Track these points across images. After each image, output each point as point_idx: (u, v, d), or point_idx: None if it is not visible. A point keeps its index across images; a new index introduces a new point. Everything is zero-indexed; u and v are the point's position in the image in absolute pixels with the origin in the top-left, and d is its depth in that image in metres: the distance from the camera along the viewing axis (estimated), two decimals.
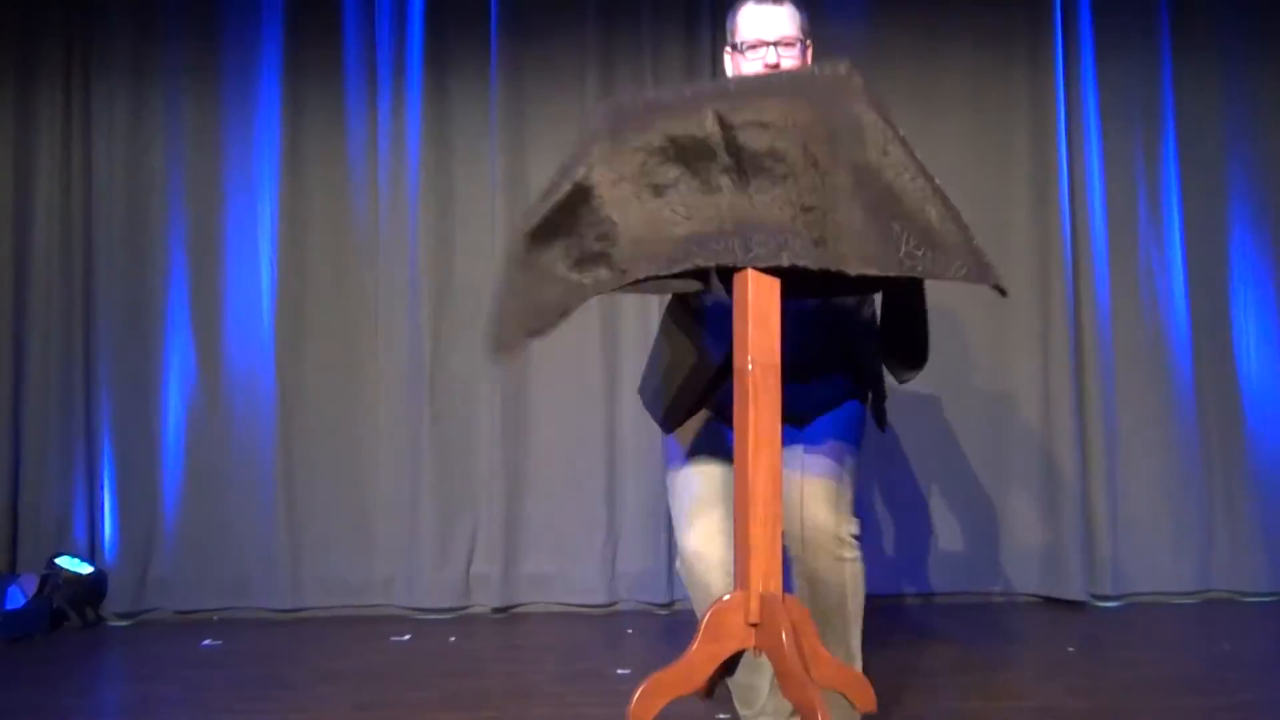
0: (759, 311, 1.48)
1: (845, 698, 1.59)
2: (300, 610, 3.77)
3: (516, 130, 3.83)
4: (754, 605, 1.45)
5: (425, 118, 3.82)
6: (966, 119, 3.83)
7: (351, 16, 3.90)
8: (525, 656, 3.15)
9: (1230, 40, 3.84)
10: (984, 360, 3.79)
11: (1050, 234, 3.72)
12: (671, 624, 3.57)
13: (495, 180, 3.79)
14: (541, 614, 3.75)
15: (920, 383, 3.72)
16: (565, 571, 3.77)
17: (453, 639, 3.40)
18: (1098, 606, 3.63)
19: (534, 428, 3.81)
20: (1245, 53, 3.84)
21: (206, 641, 3.39)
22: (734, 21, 1.99)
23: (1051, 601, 3.68)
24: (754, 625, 1.46)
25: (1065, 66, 3.78)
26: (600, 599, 3.74)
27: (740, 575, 1.47)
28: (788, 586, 1.56)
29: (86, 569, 3.68)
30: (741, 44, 1.95)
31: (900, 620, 3.49)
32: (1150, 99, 3.83)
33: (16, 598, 3.56)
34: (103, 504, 3.78)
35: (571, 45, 3.85)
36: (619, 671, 2.87)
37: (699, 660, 1.49)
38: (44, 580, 3.63)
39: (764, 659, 1.72)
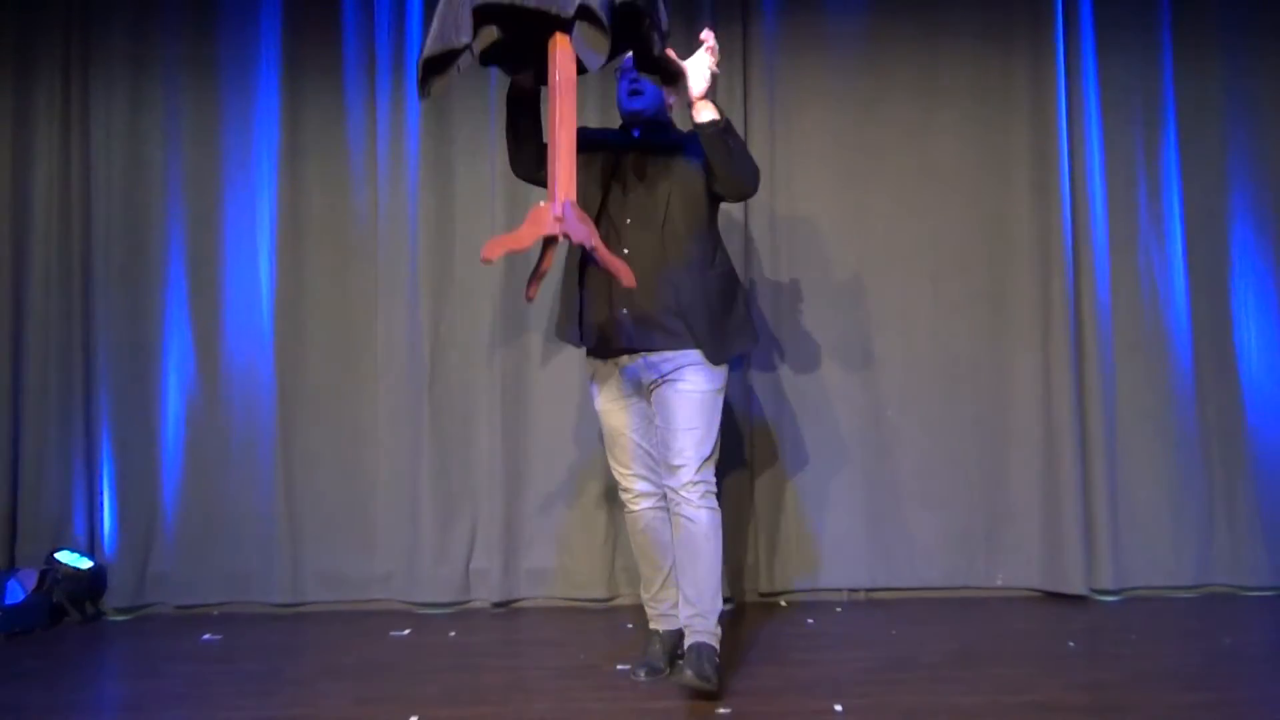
0: (565, 59, 2.26)
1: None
2: (300, 605, 3.77)
3: None
4: (559, 208, 2.20)
5: (425, 112, 3.81)
6: (967, 113, 3.82)
7: (351, 10, 3.89)
8: (525, 651, 3.15)
9: (1231, 35, 3.83)
10: (984, 356, 3.79)
11: (1051, 229, 3.72)
12: None
13: (495, 174, 3.78)
14: (541, 609, 3.74)
15: (921, 375, 3.75)
16: (564, 566, 3.77)
17: (452, 634, 3.40)
18: (1098, 601, 3.63)
19: (533, 423, 3.80)
20: (1246, 48, 3.83)
21: (206, 636, 3.39)
22: None
23: (1052, 596, 3.68)
24: (558, 219, 2.20)
25: (1066, 61, 3.77)
26: (600, 593, 3.74)
27: (551, 192, 2.22)
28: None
29: (86, 564, 3.68)
30: (623, 68, 2.60)
31: (901, 614, 3.49)
32: (1151, 93, 3.82)
33: (16, 593, 3.56)
34: (102, 499, 3.78)
35: None
36: (618, 666, 2.86)
37: (525, 233, 2.25)
38: (44, 575, 3.63)
39: (673, 576, 2.72)
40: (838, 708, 2.45)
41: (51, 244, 3.84)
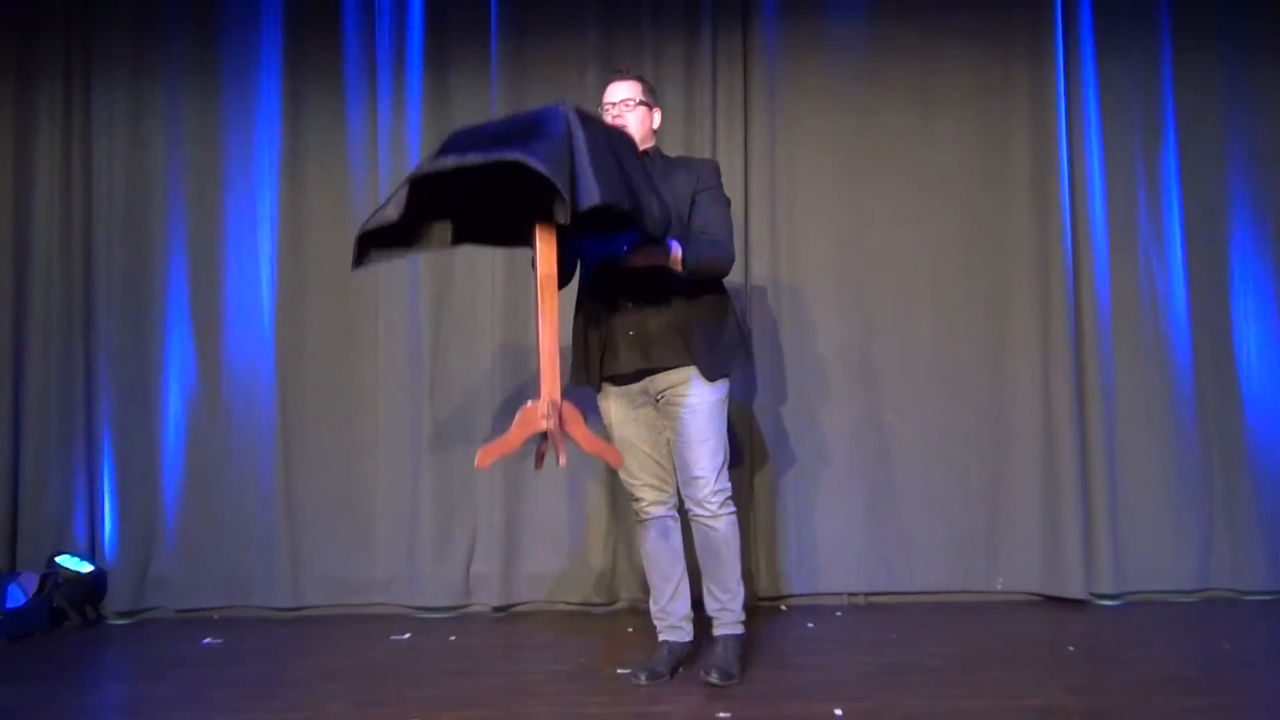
0: (546, 255, 2.29)
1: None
2: (301, 609, 3.77)
3: None
4: (545, 406, 2.28)
5: (425, 117, 3.82)
6: (967, 117, 3.82)
7: (351, 15, 3.90)
8: (525, 655, 3.15)
9: (1230, 40, 3.83)
10: (984, 359, 3.79)
11: (1050, 233, 3.72)
12: None
13: None
14: (541, 613, 3.75)
15: (921, 379, 3.75)
16: (565, 570, 3.77)
17: (453, 638, 3.40)
18: (1098, 605, 3.63)
19: None
20: (1245, 52, 3.83)
21: (207, 640, 3.39)
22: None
23: (1052, 600, 3.68)
24: (544, 417, 2.28)
25: (1066, 65, 3.77)
26: (600, 597, 3.74)
27: (541, 391, 2.30)
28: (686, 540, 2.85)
29: (87, 568, 3.68)
30: (604, 104, 2.80)
31: (901, 618, 3.49)
32: (1150, 98, 3.82)
33: (17, 596, 3.57)
34: (103, 503, 3.78)
35: (572, 45, 3.85)
36: (619, 670, 2.87)
37: (515, 435, 2.30)
38: (44, 579, 3.63)
39: (682, 587, 2.88)
40: (838, 712, 2.45)
41: (53, 248, 3.84)
